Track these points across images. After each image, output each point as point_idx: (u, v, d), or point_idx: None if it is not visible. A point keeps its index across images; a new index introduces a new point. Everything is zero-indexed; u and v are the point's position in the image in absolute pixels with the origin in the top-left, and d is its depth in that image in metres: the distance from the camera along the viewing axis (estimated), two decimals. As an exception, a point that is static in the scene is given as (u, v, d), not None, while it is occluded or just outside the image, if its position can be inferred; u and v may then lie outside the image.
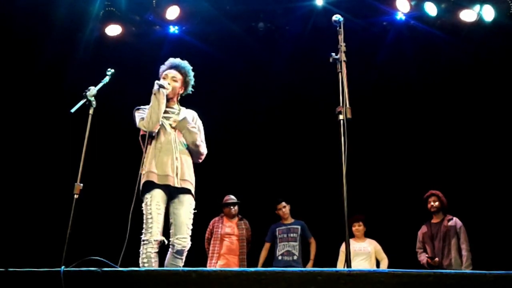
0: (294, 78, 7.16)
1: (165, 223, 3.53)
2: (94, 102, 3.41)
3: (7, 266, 2.50)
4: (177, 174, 3.52)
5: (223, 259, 5.98)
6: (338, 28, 3.22)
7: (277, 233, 6.25)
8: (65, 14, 6.23)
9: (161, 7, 6.51)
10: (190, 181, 3.60)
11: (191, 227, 3.56)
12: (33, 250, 5.93)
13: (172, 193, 3.56)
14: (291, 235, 6.18)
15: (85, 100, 3.38)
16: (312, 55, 6.46)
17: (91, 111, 3.41)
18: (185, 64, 3.86)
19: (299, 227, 6.22)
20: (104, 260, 2.61)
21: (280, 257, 6.10)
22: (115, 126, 6.59)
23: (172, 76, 3.77)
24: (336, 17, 3.24)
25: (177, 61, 3.86)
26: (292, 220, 6.32)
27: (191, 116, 3.82)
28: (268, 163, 7.20)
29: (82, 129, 3.34)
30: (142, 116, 3.59)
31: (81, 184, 3.24)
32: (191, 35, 6.82)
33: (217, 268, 5.60)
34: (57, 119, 6.07)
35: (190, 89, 3.90)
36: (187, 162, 3.65)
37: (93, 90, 3.43)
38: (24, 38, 6.30)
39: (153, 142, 3.58)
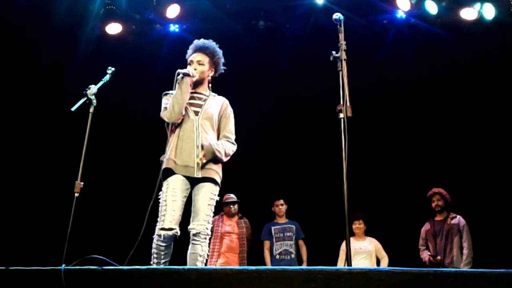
0: (294, 76, 7.15)
1: (187, 214, 3.44)
2: (94, 101, 3.40)
3: (8, 264, 2.50)
4: (198, 164, 3.39)
5: (223, 257, 5.99)
6: (338, 27, 3.21)
7: (273, 232, 6.28)
8: (65, 13, 6.22)
9: (161, 5, 6.50)
10: (213, 169, 3.45)
11: (210, 213, 3.42)
12: (34, 248, 5.94)
13: (194, 182, 3.44)
14: (287, 234, 6.22)
15: (85, 98, 3.37)
16: (312, 53, 6.45)
17: (91, 110, 3.40)
18: (210, 43, 3.65)
19: (294, 226, 6.27)
20: (105, 258, 2.61)
21: (278, 256, 6.13)
22: (115, 125, 6.60)
23: (198, 60, 3.58)
24: (337, 15, 3.23)
25: (201, 42, 3.65)
26: (287, 220, 6.37)
27: (220, 104, 3.65)
28: (269, 161, 7.19)
29: (82, 128, 3.34)
30: (166, 106, 3.45)
31: (82, 183, 3.24)
32: (191, 34, 6.77)
33: (217, 266, 5.63)
34: (57, 117, 6.07)
35: (222, 68, 3.70)
36: None
37: (93, 89, 3.42)
38: (24, 37, 6.29)
39: (176, 129, 3.46)
